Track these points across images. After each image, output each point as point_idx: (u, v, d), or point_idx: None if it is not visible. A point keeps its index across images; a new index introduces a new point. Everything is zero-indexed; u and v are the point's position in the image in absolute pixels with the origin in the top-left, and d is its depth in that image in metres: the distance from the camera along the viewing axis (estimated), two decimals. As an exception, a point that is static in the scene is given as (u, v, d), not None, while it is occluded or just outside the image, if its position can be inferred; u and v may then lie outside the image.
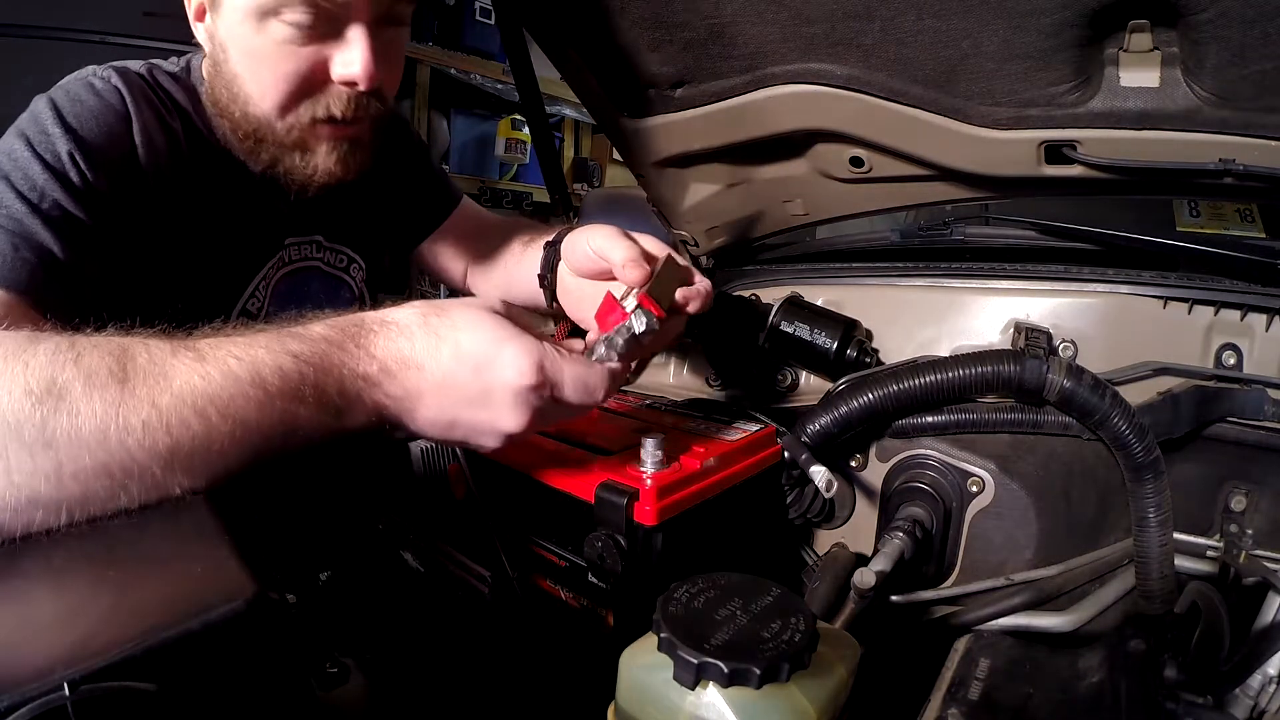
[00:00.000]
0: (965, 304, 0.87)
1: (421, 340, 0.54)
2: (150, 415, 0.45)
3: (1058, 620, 0.70)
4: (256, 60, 0.71)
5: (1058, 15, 0.63)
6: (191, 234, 0.76)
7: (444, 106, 3.41)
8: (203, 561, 0.40)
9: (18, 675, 0.30)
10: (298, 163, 0.77)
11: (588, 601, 0.62)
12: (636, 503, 0.57)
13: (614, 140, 0.97)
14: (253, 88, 0.73)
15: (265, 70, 0.72)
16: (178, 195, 0.75)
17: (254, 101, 0.73)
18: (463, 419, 0.54)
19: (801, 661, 0.38)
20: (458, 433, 0.55)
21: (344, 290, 0.96)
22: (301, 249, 0.90)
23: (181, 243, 0.75)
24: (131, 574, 0.40)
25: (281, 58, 0.71)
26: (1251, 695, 0.54)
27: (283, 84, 0.72)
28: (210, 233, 0.78)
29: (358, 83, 0.73)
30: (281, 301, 0.88)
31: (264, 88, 0.73)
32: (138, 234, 0.71)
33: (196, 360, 0.48)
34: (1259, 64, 0.61)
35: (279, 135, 0.75)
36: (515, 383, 0.53)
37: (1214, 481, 0.78)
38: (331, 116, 0.75)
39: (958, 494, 0.76)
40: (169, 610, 0.35)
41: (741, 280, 1.04)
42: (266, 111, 0.74)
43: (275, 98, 0.73)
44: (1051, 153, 0.76)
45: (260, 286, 0.85)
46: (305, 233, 0.90)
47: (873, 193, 0.96)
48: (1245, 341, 0.76)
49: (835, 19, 0.70)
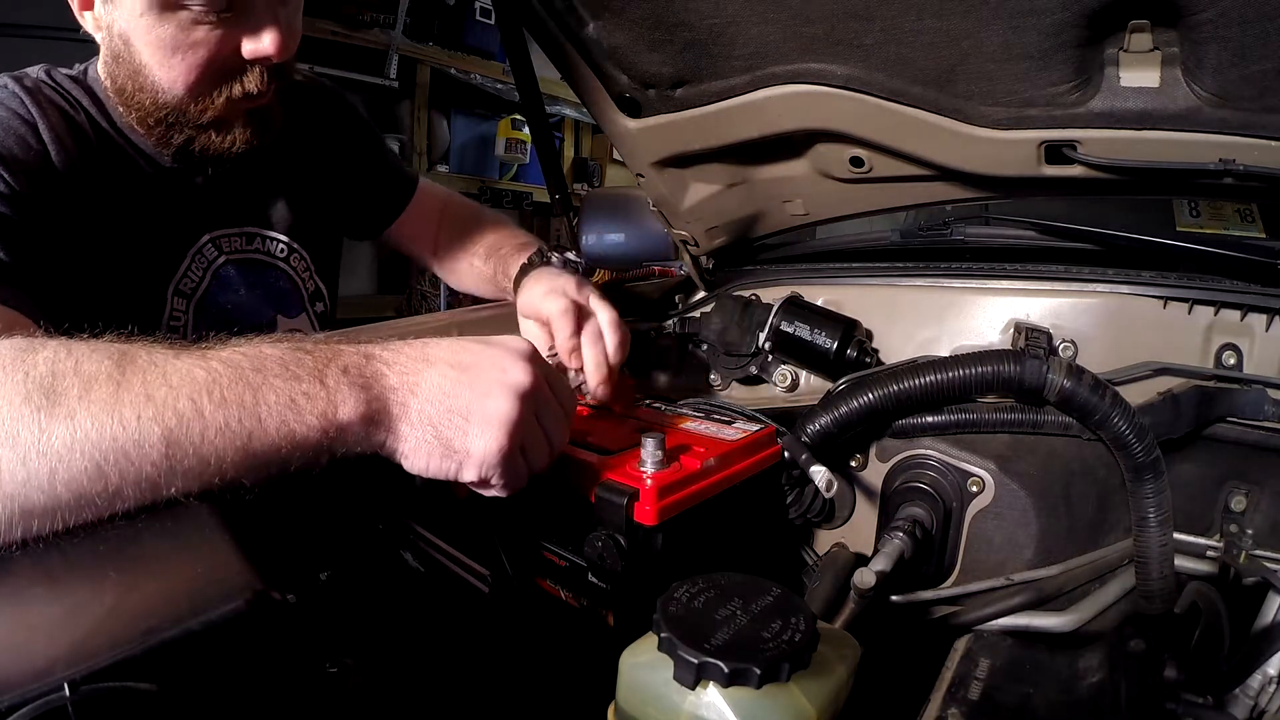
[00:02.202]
0: (965, 304, 0.87)
1: (415, 344, 0.55)
2: (144, 408, 0.44)
3: (1058, 620, 0.70)
4: (164, 50, 0.71)
5: (1058, 15, 0.63)
6: (110, 227, 0.77)
7: (444, 106, 3.41)
8: (203, 561, 0.40)
9: (18, 675, 0.30)
10: (214, 139, 0.78)
11: (588, 601, 0.62)
12: (636, 502, 0.57)
13: (614, 140, 0.97)
14: (161, 75, 0.73)
15: (175, 59, 0.71)
16: (92, 191, 0.75)
17: (164, 89, 0.74)
18: (469, 382, 0.52)
19: (801, 661, 0.38)
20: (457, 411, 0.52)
21: (282, 280, 0.96)
22: (231, 240, 0.90)
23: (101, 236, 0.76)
24: (132, 574, 0.40)
25: (191, 45, 0.71)
26: (1251, 695, 0.54)
27: (195, 70, 0.72)
28: (128, 225, 0.79)
29: (272, 57, 0.73)
30: (224, 288, 0.88)
31: (174, 75, 0.72)
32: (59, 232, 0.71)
33: (199, 357, 0.48)
34: (1259, 64, 0.61)
35: (193, 117, 0.76)
36: (519, 347, 0.55)
37: (1214, 481, 0.78)
38: (248, 93, 0.75)
39: (958, 494, 0.76)
40: (169, 610, 0.35)
41: (741, 280, 1.04)
42: (179, 97, 0.74)
43: (188, 84, 0.73)
44: (1051, 153, 0.76)
45: (193, 269, 0.85)
46: (236, 224, 0.91)
47: (873, 193, 0.96)
48: (1245, 341, 0.76)
49: (835, 19, 0.70)
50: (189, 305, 0.85)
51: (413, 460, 0.52)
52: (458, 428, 0.51)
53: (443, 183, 3.37)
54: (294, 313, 0.97)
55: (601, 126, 0.97)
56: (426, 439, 0.51)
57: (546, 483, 0.63)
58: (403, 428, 0.51)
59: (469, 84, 3.32)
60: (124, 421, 0.43)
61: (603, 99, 0.90)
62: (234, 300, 0.89)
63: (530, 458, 0.55)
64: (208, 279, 0.87)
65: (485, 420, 0.51)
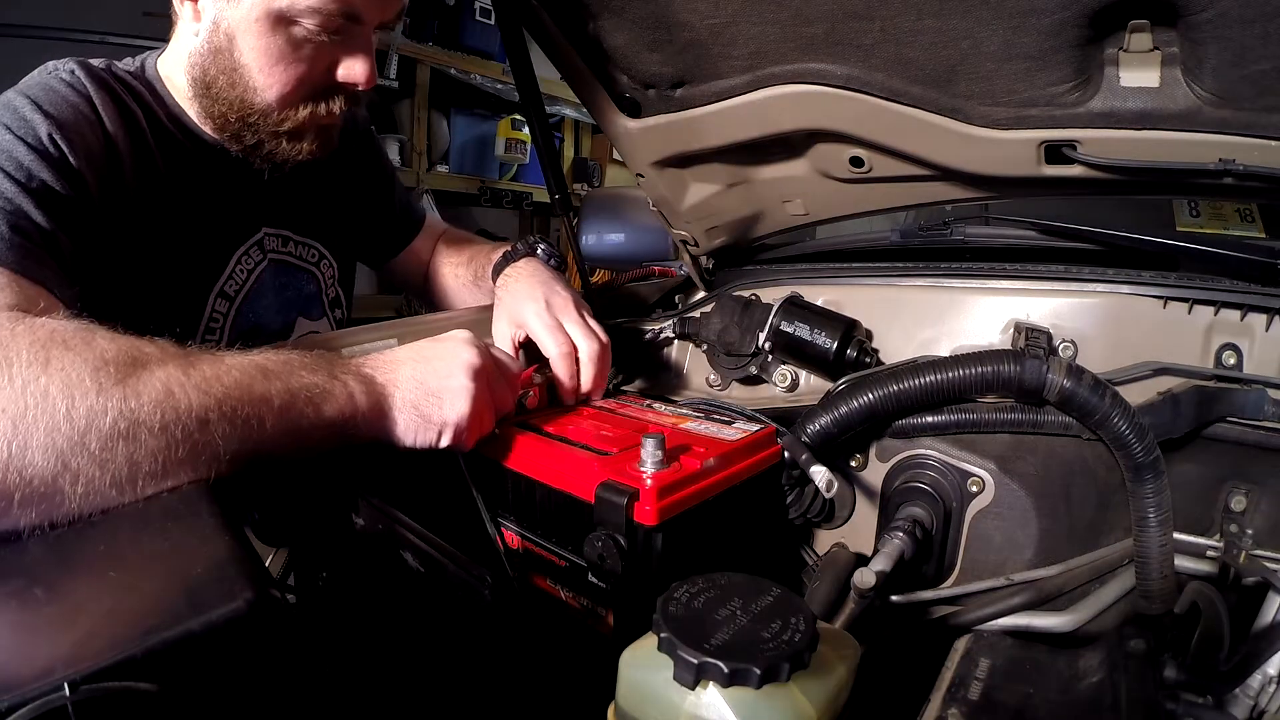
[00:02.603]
0: (965, 304, 0.87)
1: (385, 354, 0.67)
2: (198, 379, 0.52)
3: (1058, 620, 0.70)
4: (269, 57, 0.75)
5: (1058, 15, 0.63)
6: (164, 216, 0.79)
7: (444, 106, 3.41)
8: (203, 561, 0.40)
9: (18, 675, 0.30)
10: (283, 146, 0.82)
11: (588, 601, 0.62)
12: (636, 503, 0.57)
13: (614, 140, 0.97)
14: (259, 80, 0.76)
15: (278, 68, 0.75)
16: (148, 177, 0.77)
17: (258, 92, 0.77)
18: (434, 370, 0.64)
19: (801, 661, 0.38)
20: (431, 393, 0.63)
21: (311, 284, 1.00)
22: (273, 240, 0.93)
23: (154, 224, 0.78)
24: (132, 574, 0.40)
25: (296, 60, 0.75)
26: (1251, 695, 0.54)
27: (293, 84, 0.77)
28: (182, 215, 0.81)
29: (360, 84, 0.78)
30: (262, 290, 0.91)
31: (271, 82, 0.76)
32: (114, 212, 0.73)
33: (239, 353, 0.57)
34: (1259, 64, 0.61)
35: (273, 124, 0.80)
36: (464, 336, 0.67)
37: (1214, 481, 0.78)
38: (331, 113, 0.80)
39: (958, 494, 0.76)
40: (170, 610, 0.35)
41: (741, 280, 1.04)
42: (269, 102, 0.78)
43: (282, 93, 0.77)
44: (1051, 153, 0.76)
45: (238, 270, 0.88)
46: (277, 225, 0.94)
47: (873, 193, 0.96)
48: (1245, 341, 0.76)
49: (835, 19, 0.70)
50: (231, 307, 0.88)
51: (403, 438, 0.63)
52: (433, 404, 0.63)
53: (443, 182, 3.37)
54: (316, 315, 1.01)
55: (601, 126, 0.97)
56: (413, 419, 0.63)
57: (547, 483, 0.64)
58: (395, 413, 0.63)
59: (469, 84, 3.31)
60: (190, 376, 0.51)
61: (603, 99, 0.90)
62: (267, 302, 0.93)
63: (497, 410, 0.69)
64: (251, 280, 0.90)
65: (453, 394, 0.63)
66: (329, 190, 1.01)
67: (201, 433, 0.50)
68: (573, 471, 0.62)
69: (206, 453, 0.51)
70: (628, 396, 0.93)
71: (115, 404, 0.47)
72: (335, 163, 1.00)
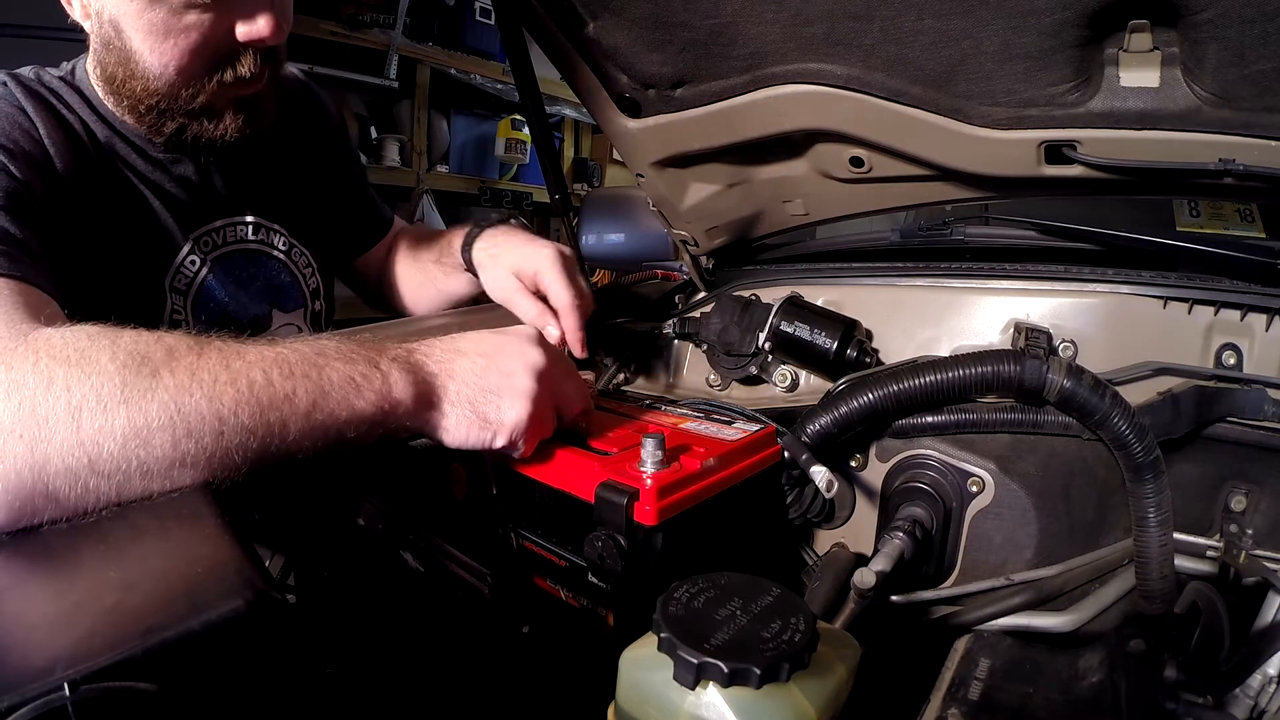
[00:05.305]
0: (965, 304, 0.87)
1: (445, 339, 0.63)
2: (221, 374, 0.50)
3: (1058, 620, 0.70)
4: (155, 34, 0.70)
5: (1058, 15, 0.63)
6: (107, 223, 0.77)
7: (444, 106, 3.41)
8: (203, 561, 0.40)
9: (18, 675, 0.30)
10: (205, 126, 0.78)
11: (588, 601, 0.62)
12: (636, 503, 0.57)
13: (614, 140, 0.97)
14: (152, 61, 0.72)
15: (167, 44, 0.71)
16: (88, 188, 0.76)
17: (155, 75, 0.73)
18: (497, 366, 0.61)
19: (801, 661, 0.38)
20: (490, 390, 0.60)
21: (284, 273, 0.96)
22: (227, 231, 0.90)
23: (99, 226, 0.76)
24: (132, 574, 0.40)
25: (183, 29, 0.70)
26: (1251, 695, 0.54)
27: (187, 55, 0.71)
28: (124, 214, 0.79)
29: (266, 39, 0.73)
30: (221, 282, 0.88)
31: (166, 60, 0.72)
32: (60, 229, 0.72)
33: (267, 344, 0.55)
34: (1259, 64, 0.61)
35: (184, 104, 0.75)
36: (530, 333, 0.64)
37: (1214, 481, 0.78)
38: (240, 78, 0.75)
39: (958, 494, 0.76)
40: (169, 610, 0.35)
41: (741, 280, 1.04)
42: (170, 82, 0.73)
43: (180, 68, 0.72)
44: (1051, 153, 0.76)
45: (186, 263, 0.85)
46: (232, 213, 0.90)
47: (872, 193, 0.96)
48: (1245, 341, 0.76)
49: (835, 19, 0.70)
50: (186, 301, 0.85)
51: (453, 434, 0.60)
52: (491, 403, 0.60)
53: (443, 182, 3.38)
54: (291, 307, 0.97)
55: (601, 126, 0.97)
56: (466, 415, 0.59)
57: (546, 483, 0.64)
58: (446, 406, 0.59)
59: (469, 84, 3.32)
60: (202, 384, 0.49)
61: (603, 99, 0.90)
62: (229, 293, 0.89)
63: (564, 415, 0.67)
64: (204, 271, 0.86)
65: (514, 395, 0.60)
66: (293, 178, 0.97)
67: (216, 443, 0.49)
68: (572, 471, 0.62)
69: (223, 464, 0.50)
70: (628, 396, 0.93)
71: (122, 423, 0.46)
72: (300, 151, 0.98)
